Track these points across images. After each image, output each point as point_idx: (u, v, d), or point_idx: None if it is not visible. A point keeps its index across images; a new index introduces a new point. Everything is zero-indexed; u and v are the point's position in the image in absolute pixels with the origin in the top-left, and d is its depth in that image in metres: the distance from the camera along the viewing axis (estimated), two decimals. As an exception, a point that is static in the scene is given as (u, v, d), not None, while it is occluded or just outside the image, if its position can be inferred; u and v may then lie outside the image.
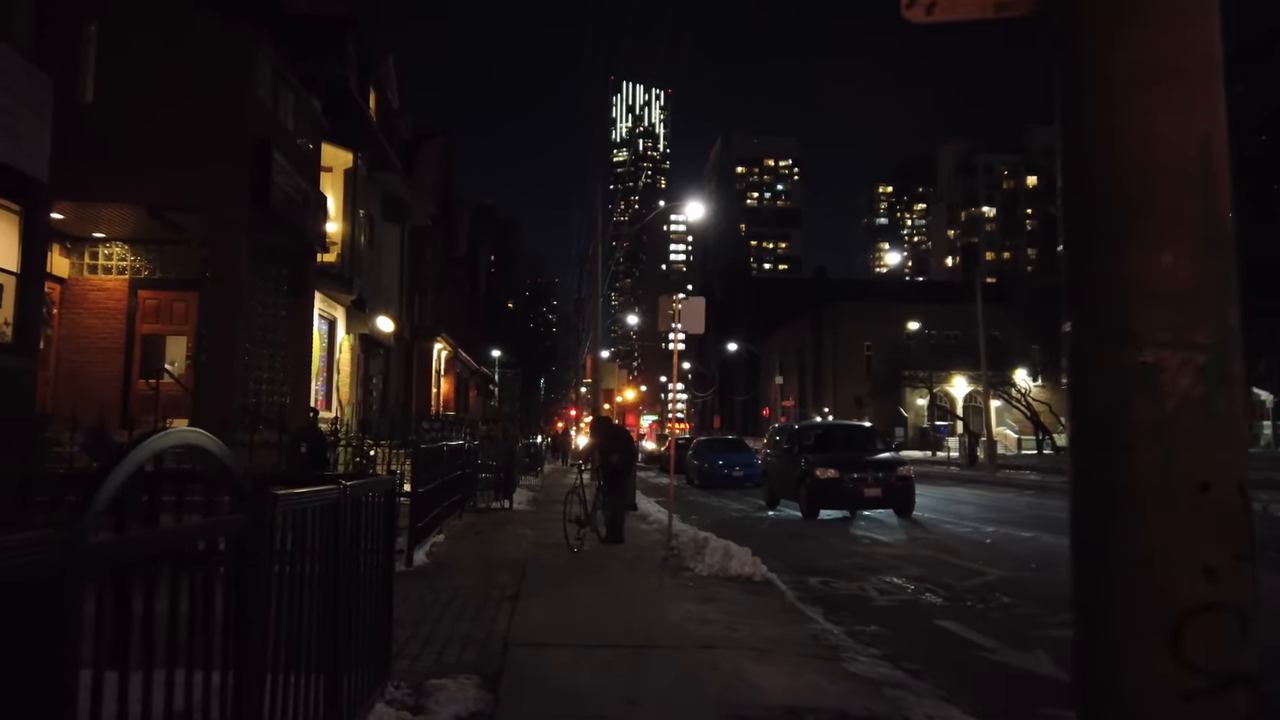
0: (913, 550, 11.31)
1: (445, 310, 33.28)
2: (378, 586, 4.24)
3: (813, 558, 10.88)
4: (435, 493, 9.47)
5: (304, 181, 13.73)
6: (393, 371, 24.89)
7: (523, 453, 28.03)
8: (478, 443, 14.33)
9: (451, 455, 11.46)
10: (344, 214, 18.54)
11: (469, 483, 13.50)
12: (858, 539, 12.68)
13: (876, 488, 15.12)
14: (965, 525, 14.55)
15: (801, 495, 15.74)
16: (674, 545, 10.42)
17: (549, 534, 11.69)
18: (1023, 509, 18.03)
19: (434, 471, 9.46)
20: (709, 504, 19.97)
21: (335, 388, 18.88)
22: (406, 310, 25.87)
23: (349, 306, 19.08)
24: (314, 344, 16.57)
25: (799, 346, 73.48)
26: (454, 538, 10.50)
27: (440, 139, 29.21)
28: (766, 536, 13.44)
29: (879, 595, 8.21)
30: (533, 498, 18.31)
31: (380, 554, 4.32)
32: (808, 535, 13.32)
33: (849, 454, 16.04)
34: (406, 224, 24.88)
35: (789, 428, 17.69)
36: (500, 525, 12.36)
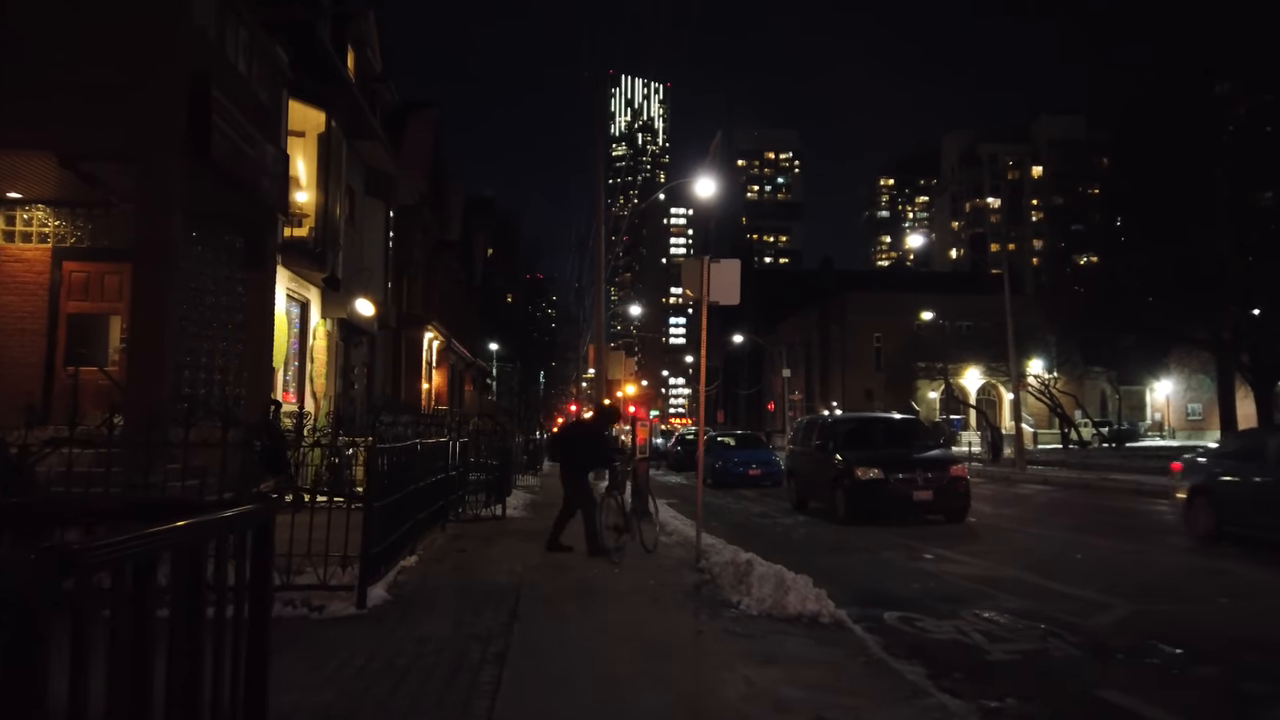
0: (993, 569, 9.27)
1: (437, 298, 31.21)
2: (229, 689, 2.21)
3: (873, 580, 8.85)
4: (403, 505, 7.42)
5: (260, 135, 11.70)
6: (378, 362, 22.82)
7: (521, 450, 26.03)
8: (465, 440, 12.27)
9: (431, 456, 9.42)
10: (318, 183, 16.46)
11: (455, 487, 11.46)
12: (916, 552, 10.65)
13: (927, 490, 13.08)
14: (1032, 533, 12.53)
15: (838, 498, 13.72)
16: (705, 566, 8.38)
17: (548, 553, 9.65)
18: (1085, 511, 16.01)
19: (402, 478, 7.42)
20: (727, 506, 17.93)
21: (309, 378, 16.82)
22: (393, 295, 23.79)
23: (324, 288, 17.02)
24: (281, 328, 14.51)
25: (805, 339, 71.41)
26: (430, 559, 8.44)
27: (429, 111, 27.08)
28: (804, 548, 11.41)
29: (988, 642, 6.17)
30: (530, 501, 16.26)
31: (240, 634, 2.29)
32: (854, 547, 11.29)
33: (893, 451, 14.01)
34: (391, 201, 22.78)
35: (819, 421, 15.66)
36: (491, 538, 10.31)
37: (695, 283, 8.82)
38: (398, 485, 7.17)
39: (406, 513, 7.66)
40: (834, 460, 14.14)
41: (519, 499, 15.92)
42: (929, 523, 13.56)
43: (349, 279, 18.21)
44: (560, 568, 8.36)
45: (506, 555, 8.94)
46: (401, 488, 7.36)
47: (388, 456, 6.68)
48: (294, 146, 16.56)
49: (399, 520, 7.25)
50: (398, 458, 7.16)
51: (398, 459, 7.18)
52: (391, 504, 6.85)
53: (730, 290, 8.74)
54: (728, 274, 8.75)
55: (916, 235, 68.14)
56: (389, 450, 6.71)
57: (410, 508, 7.85)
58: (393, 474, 6.95)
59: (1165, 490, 19.60)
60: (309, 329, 16.90)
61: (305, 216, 16.37)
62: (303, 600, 5.91)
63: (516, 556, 8.91)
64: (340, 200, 18.18)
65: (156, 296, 9.51)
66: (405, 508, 7.57)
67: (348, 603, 5.92)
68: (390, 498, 6.80)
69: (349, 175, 19.23)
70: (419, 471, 8.39)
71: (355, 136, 18.77)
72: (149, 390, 9.23)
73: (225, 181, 10.72)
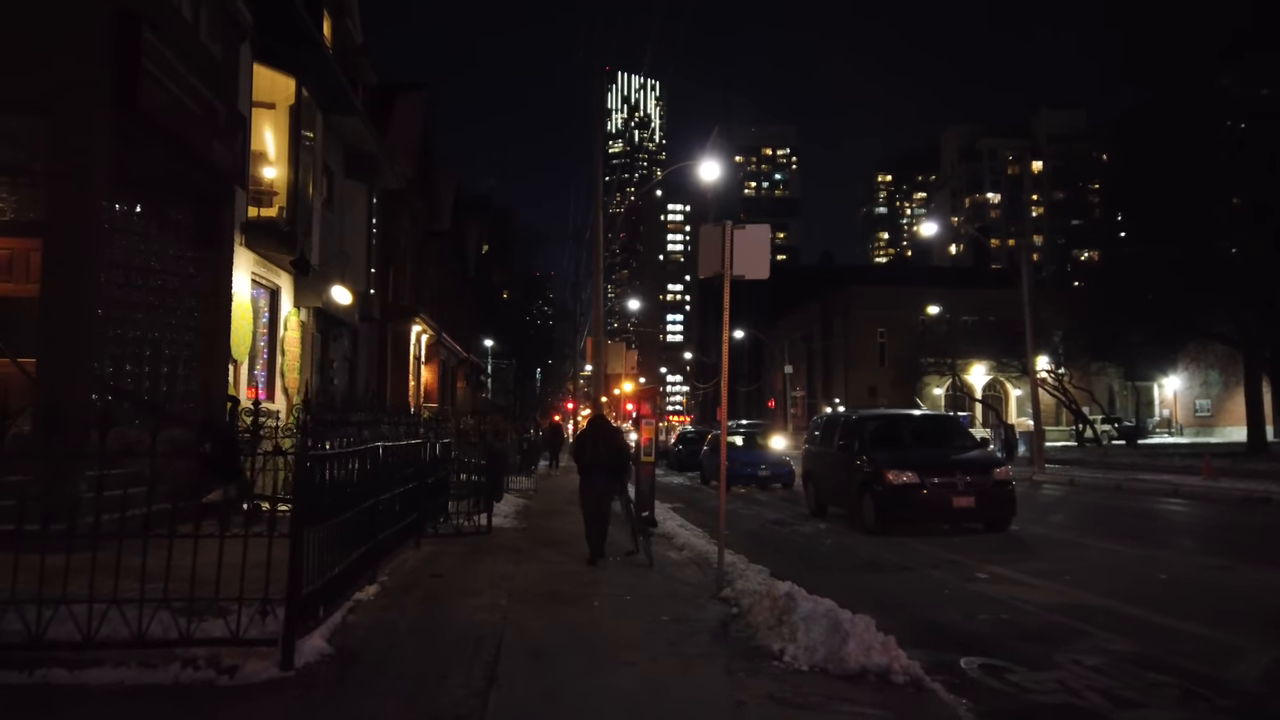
0: (1070, 595, 7.80)
1: (427, 290, 29.70)
2: None
3: (929, 608, 7.39)
4: (357, 524, 5.93)
5: (209, 92, 10.22)
6: (361, 357, 21.33)
7: (515, 449, 24.54)
8: (447, 441, 10.77)
9: (400, 461, 7.94)
10: (288, 158, 14.96)
11: (432, 496, 9.98)
12: (967, 570, 9.18)
13: (968, 496, 11.61)
14: (1092, 545, 11.05)
15: (865, 504, 12.25)
16: (730, 596, 6.89)
17: (541, 571, 8.17)
18: (1135, 517, 14.58)
19: (356, 490, 5.93)
20: (737, 511, 16.44)
21: (279, 373, 15.31)
22: (378, 285, 22.29)
23: (296, 274, 15.51)
24: (244, 316, 13.00)
25: (807, 334, 69.94)
26: (396, 588, 6.95)
27: (418, 92, 25.57)
28: (834, 564, 9.96)
29: (1112, 708, 4.69)
30: (523, 508, 14.78)
31: None
32: (892, 563, 9.82)
33: (928, 451, 12.55)
34: (375, 184, 21.26)
35: (841, 418, 14.18)
36: (474, 556, 8.83)
37: (715, 254, 7.34)
38: (348, 500, 5.68)
39: (362, 533, 6.17)
40: (860, 462, 12.67)
41: (510, 505, 14.44)
42: (967, 532, 12.11)
43: (326, 265, 16.72)
44: (554, 598, 6.88)
45: (490, 581, 7.46)
46: (355, 503, 5.87)
47: (330, 466, 5.19)
48: (262, 119, 15.10)
49: (350, 544, 5.76)
50: (348, 466, 5.66)
51: (348, 468, 5.69)
52: (337, 525, 5.36)
53: (758, 261, 7.26)
54: (755, 242, 7.27)
55: (929, 223, 66.51)
56: (333, 458, 5.22)
57: (367, 526, 6.36)
58: (339, 488, 5.46)
59: (1208, 492, 18.26)
60: (280, 318, 15.40)
61: (274, 194, 14.87)
62: (209, 660, 4.43)
63: (503, 582, 7.42)
64: (317, 180, 16.69)
65: (73, 273, 8.02)
66: (360, 527, 6.08)
67: (269, 662, 4.44)
68: (336, 517, 5.32)
69: (326, 154, 17.73)
70: (382, 481, 6.90)
71: (333, 111, 17.25)
72: (63, 384, 7.74)
73: (164, 140, 9.21)
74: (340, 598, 5.58)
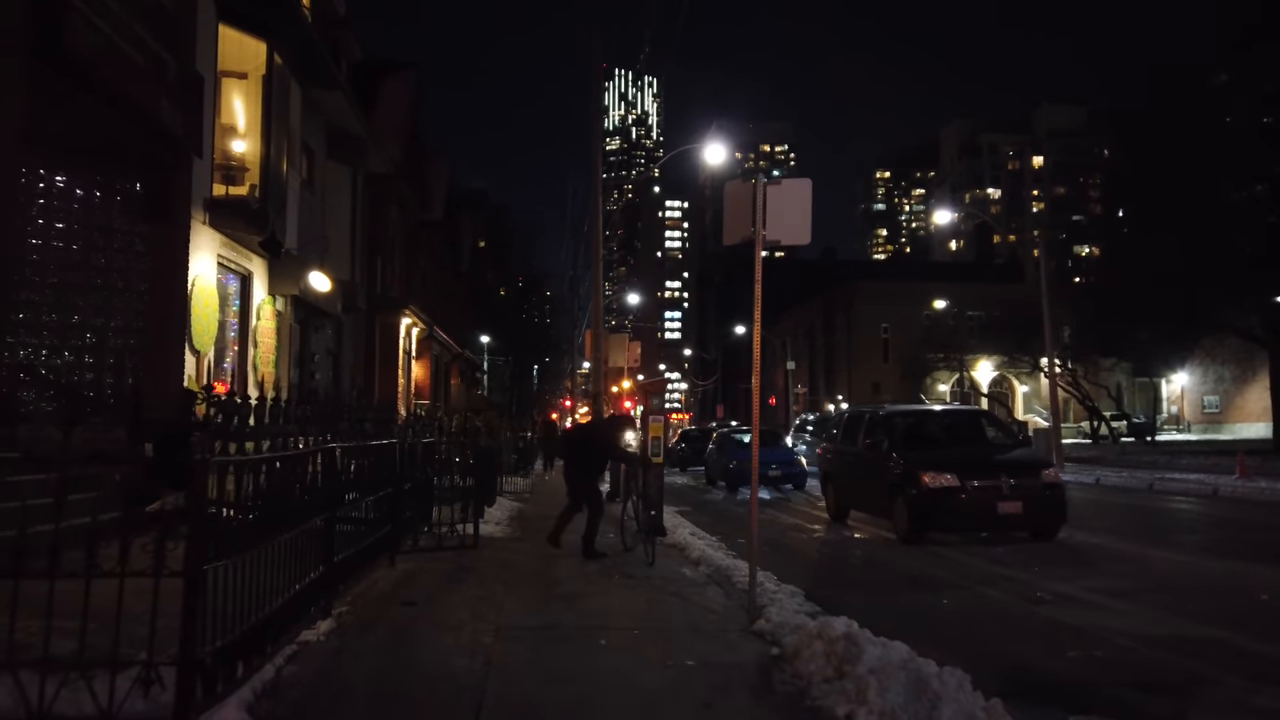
0: (1166, 622, 6.56)
1: (418, 282, 28.45)
2: None
3: (1000, 640, 6.16)
4: (295, 552, 4.66)
5: (157, 43, 8.96)
6: (346, 350, 20.06)
7: (510, 448, 23.29)
8: (430, 441, 9.49)
9: (368, 465, 6.68)
10: (260, 130, 13.68)
11: (414, 503, 8.71)
12: (1026, 589, 7.94)
13: (1014, 500, 10.37)
14: (1162, 557, 9.78)
15: (897, 509, 11.01)
16: (767, 630, 5.63)
17: (536, 593, 6.92)
18: (1190, 522, 13.39)
19: (296, 508, 4.67)
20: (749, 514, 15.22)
21: (252, 366, 14.04)
22: (364, 274, 21.04)
23: (270, 258, 14.23)
24: (208, 302, 11.73)
25: (809, 330, 68.71)
26: (356, 622, 5.67)
27: (406, 71, 24.24)
28: (871, 579, 8.73)
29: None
30: (517, 512, 13.54)
31: None
32: (937, 579, 8.57)
33: (968, 451, 11.33)
34: (360, 167, 20.01)
35: (866, 415, 12.93)
36: (457, 576, 7.56)
37: (743, 216, 6.09)
38: (287, 517, 4.42)
39: (310, 556, 4.92)
40: (891, 463, 11.43)
41: (503, 510, 13.20)
42: (1011, 540, 10.88)
43: (303, 249, 15.44)
44: (552, 633, 5.63)
45: (474, 609, 6.19)
46: (297, 520, 4.61)
47: (252, 475, 3.93)
48: (233, 89, 13.88)
49: (292, 572, 4.50)
50: (282, 474, 4.40)
51: (285, 476, 4.43)
52: (271, 551, 4.10)
53: (796, 223, 6.01)
54: (793, 199, 6.01)
55: (941, 210, 65.28)
56: (250, 465, 3.95)
57: (319, 547, 5.11)
58: (274, 502, 4.20)
59: (1250, 493, 17.01)
60: (252, 307, 14.13)
61: (245, 170, 13.60)
62: (69, 749, 3.17)
63: (489, 610, 6.16)
64: (294, 157, 15.42)
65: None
66: (307, 550, 4.82)
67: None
68: (267, 542, 4.06)
69: (306, 131, 16.46)
70: (341, 490, 5.65)
71: (312, 84, 15.96)
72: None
73: (99, 94, 7.93)
74: (274, 644, 4.32)
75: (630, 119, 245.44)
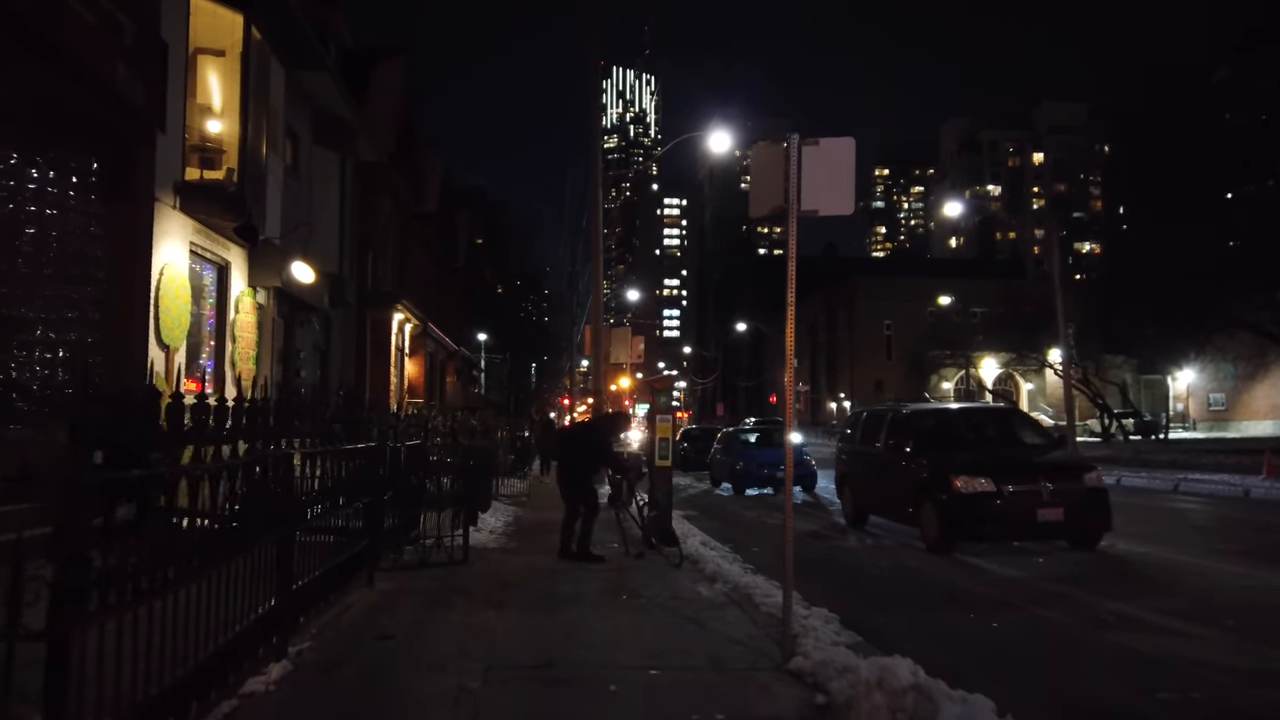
0: (1258, 652, 5.70)
1: (412, 277, 27.53)
2: None
3: (1077, 678, 5.29)
4: (235, 585, 3.77)
5: (109, 2, 8.07)
6: (335, 346, 19.16)
7: (507, 448, 22.39)
8: (416, 444, 8.59)
9: (345, 474, 5.80)
10: (239, 110, 12.78)
11: (396, 512, 7.82)
12: (1084, 607, 7.07)
13: (1055, 506, 9.49)
14: (1218, 567, 8.91)
15: (925, 515, 10.13)
16: (807, 670, 4.75)
17: (534, 620, 6.04)
18: (1233, 527, 12.54)
19: (242, 530, 3.78)
20: (761, 520, 14.36)
21: (230, 362, 13.14)
22: (355, 267, 20.14)
23: (249, 247, 13.33)
24: (178, 293, 10.84)
25: (810, 327, 67.84)
26: (313, 668, 4.75)
27: (398, 57, 23.33)
28: (908, 598, 7.85)
29: None
30: (514, 518, 12.66)
31: None
32: (983, 597, 7.70)
33: (1002, 453, 10.47)
34: (349, 155, 19.10)
35: (887, 413, 12.06)
36: (442, 600, 6.67)
37: (774, 183, 5.21)
38: (219, 544, 3.54)
39: (259, 587, 4.03)
40: (917, 465, 10.57)
41: (498, 517, 12.33)
42: (1049, 549, 10.03)
43: (286, 238, 14.55)
44: (551, 675, 4.75)
45: (461, 643, 5.31)
46: (237, 545, 3.73)
47: (164, 493, 3.04)
48: (209, 67, 12.99)
49: (229, 611, 3.62)
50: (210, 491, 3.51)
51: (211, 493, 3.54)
52: (201, 589, 3.22)
53: (838, 191, 5.13)
54: (835, 163, 5.12)
55: (952, 203, 64.33)
56: (153, 480, 3.06)
57: (270, 575, 4.23)
58: (197, 529, 3.32)
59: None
60: (230, 299, 13.22)
61: (221, 153, 12.71)
62: None
63: (478, 645, 5.28)
64: (277, 141, 14.55)
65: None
66: (252, 580, 3.93)
67: None
68: (177, 586, 3.17)
69: (291, 115, 15.57)
70: (300, 503, 4.77)
71: (296, 64, 15.06)
72: None
73: (40, 54, 7.04)
74: (204, 703, 3.44)
75: (629, 117, 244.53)
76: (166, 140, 10.51)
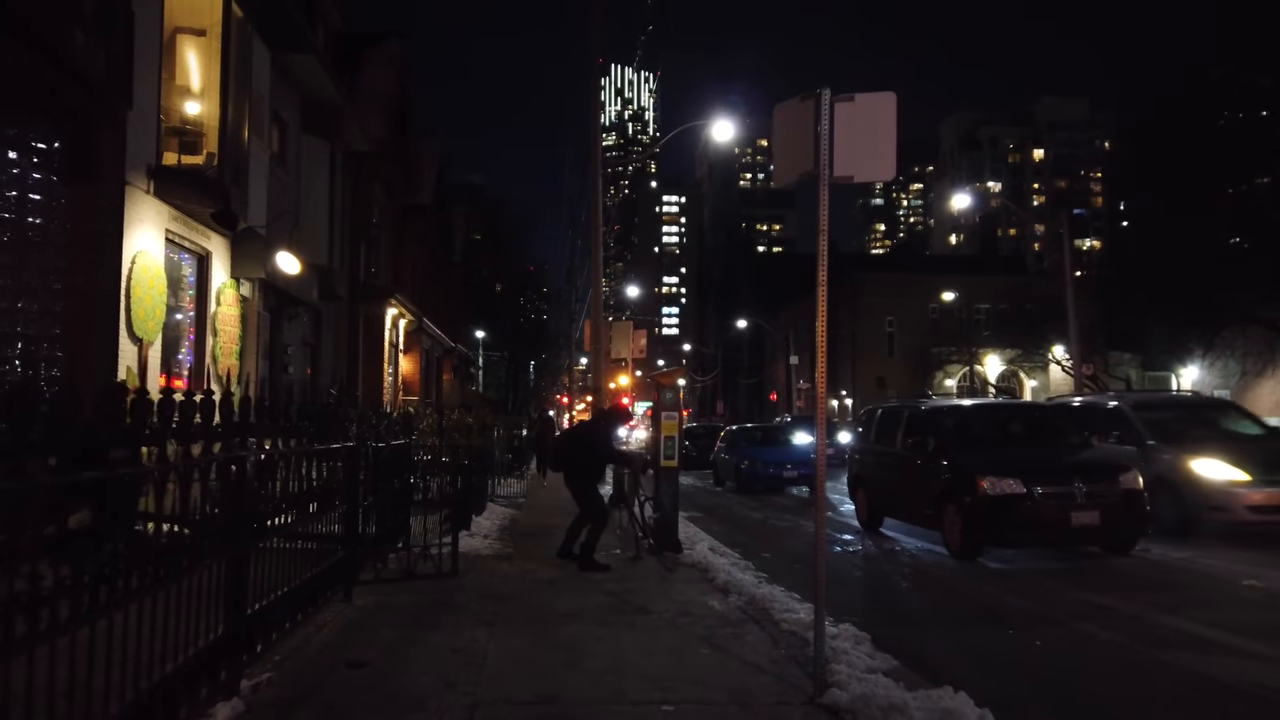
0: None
1: (407, 271, 26.84)
2: None
3: (1150, 711, 4.64)
4: (146, 623, 3.10)
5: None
6: (325, 342, 18.49)
7: (504, 447, 21.73)
8: (401, 445, 7.92)
9: (317, 478, 5.15)
10: (219, 91, 12.12)
11: (378, 518, 7.16)
12: (1135, 623, 6.43)
13: (1091, 510, 8.84)
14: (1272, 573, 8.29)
15: (949, 519, 9.49)
16: (842, 704, 4.10)
17: (530, 642, 5.38)
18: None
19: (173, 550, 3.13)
20: (769, 522, 13.70)
21: (211, 358, 12.48)
22: (346, 260, 19.47)
23: (232, 236, 12.65)
24: (151, 283, 10.17)
25: (811, 324, 67.00)
26: (269, 706, 4.12)
27: (389, 44, 22.62)
28: (938, 611, 7.20)
29: None
30: (510, 521, 12.02)
31: None
32: (1022, 610, 7.05)
33: (1032, 451, 9.82)
34: (339, 143, 18.40)
35: (905, 410, 11.40)
36: (426, 619, 6.01)
37: (803, 146, 4.56)
38: (136, 569, 2.88)
39: (189, 622, 3.37)
40: (939, 465, 9.92)
41: (493, 520, 11.68)
42: (1079, 555, 9.39)
43: (271, 228, 13.88)
44: (552, 713, 4.09)
45: (445, 673, 4.65)
46: (164, 571, 3.07)
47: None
48: (188, 47, 12.39)
49: (151, 654, 2.96)
50: (118, 505, 2.85)
51: (119, 508, 2.89)
52: (86, 639, 2.55)
53: (876, 151, 4.47)
54: (873, 121, 4.46)
55: (961, 195, 63.58)
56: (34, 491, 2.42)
57: (205, 605, 3.57)
58: (104, 552, 2.66)
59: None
60: (210, 291, 12.56)
61: (200, 137, 12.06)
62: None
63: (466, 674, 4.62)
64: (261, 126, 13.88)
65: None
66: (186, 611, 3.28)
67: None
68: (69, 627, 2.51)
69: (277, 100, 14.92)
70: (257, 516, 4.12)
71: (283, 47, 14.40)
72: None
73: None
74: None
75: (627, 114, 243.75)
76: (140, 121, 9.86)
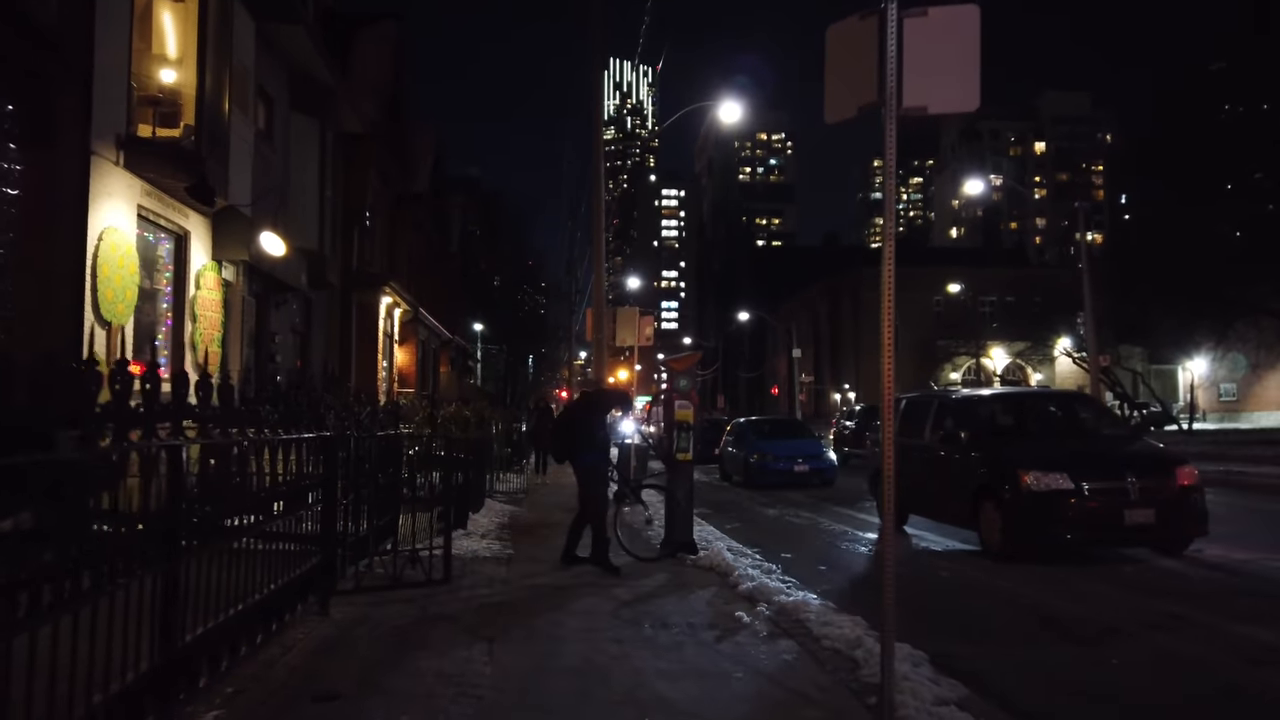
0: None
1: (402, 260, 26.03)
2: None
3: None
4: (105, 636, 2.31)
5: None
6: (316, 331, 17.71)
7: (503, 441, 20.94)
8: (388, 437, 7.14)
9: (284, 473, 4.37)
10: (196, 60, 11.33)
11: (361, 518, 6.38)
12: (1215, 635, 5.67)
13: (1145, 507, 8.07)
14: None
15: (986, 517, 8.72)
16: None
17: (529, 665, 4.60)
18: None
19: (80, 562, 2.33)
20: (784, 520, 12.92)
21: (190, 344, 11.69)
22: (339, 246, 18.67)
23: (210, 214, 11.85)
24: (120, 262, 9.38)
25: (814, 317, 66.35)
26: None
27: (385, 23, 21.81)
28: (991, 618, 6.43)
29: None
30: (509, 518, 11.24)
31: None
32: (1087, 621, 6.28)
33: (1077, 444, 9.05)
34: (330, 123, 17.57)
35: (934, 400, 10.60)
36: (412, 635, 5.23)
37: (862, 73, 3.77)
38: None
39: (102, 656, 2.58)
40: (974, 459, 9.14)
41: (491, 518, 10.90)
42: (1130, 555, 8.62)
43: (255, 207, 13.08)
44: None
45: (432, 708, 3.87)
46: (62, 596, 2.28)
47: None
48: (166, 11, 11.74)
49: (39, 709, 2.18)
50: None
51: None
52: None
53: (960, 79, 3.69)
54: (952, 39, 3.68)
55: (974, 181, 62.62)
56: None
57: (129, 632, 2.78)
58: None
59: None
60: (189, 273, 11.77)
61: (177, 109, 11.27)
62: None
63: (456, 708, 3.84)
64: (245, 99, 13.06)
65: None
66: (99, 642, 2.48)
67: None
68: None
69: (263, 74, 14.10)
70: (190, 517, 3.33)
71: (269, 17, 13.59)
72: None
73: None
74: None
75: (626, 108, 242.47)
76: (108, 87, 9.08)
